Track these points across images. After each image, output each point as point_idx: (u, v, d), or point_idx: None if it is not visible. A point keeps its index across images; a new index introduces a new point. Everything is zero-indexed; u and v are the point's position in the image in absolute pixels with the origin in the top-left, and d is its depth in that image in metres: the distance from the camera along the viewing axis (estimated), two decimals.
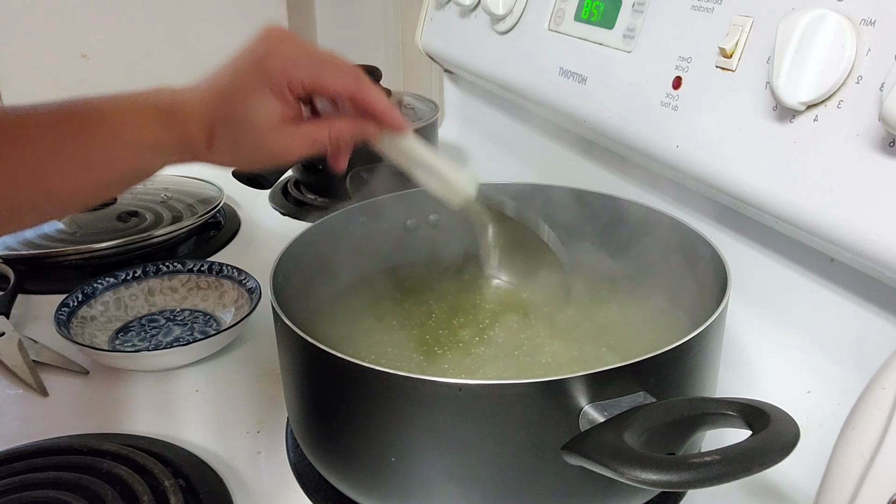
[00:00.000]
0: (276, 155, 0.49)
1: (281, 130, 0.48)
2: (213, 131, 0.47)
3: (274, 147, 0.48)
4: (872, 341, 0.54)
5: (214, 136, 0.48)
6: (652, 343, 0.45)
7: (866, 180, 0.47)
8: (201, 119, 0.47)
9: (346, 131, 0.50)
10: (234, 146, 0.48)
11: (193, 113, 0.48)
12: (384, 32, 1.39)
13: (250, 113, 0.47)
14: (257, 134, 0.48)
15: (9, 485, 0.52)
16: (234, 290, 0.76)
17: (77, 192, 0.48)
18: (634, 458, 0.36)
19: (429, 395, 0.42)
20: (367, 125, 0.51)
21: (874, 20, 0.48)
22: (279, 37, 0.48)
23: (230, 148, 0.48)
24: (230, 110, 0.47)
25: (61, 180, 0.46)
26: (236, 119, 0.47)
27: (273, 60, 0.47)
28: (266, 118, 0.47)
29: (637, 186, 0.75)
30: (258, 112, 0.47)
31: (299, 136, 0.49)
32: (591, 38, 0.72)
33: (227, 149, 0.48)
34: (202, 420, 0.62)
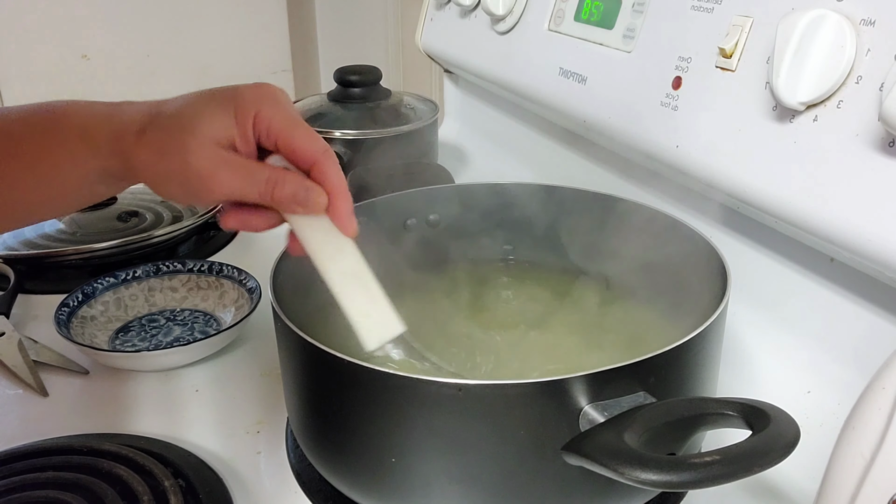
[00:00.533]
0: (203, 176, 0.43)
1: (220, 152, 0.43)
2: (150, 122, 0.43)
3: (205, 164, 0.42)
4: (872, 341, 0.54)
5: (148, 126, 0.43)
6: (652, 343, 0.45)
7: (866, 180, 0.47)
8: (143, 110, 0.44)
9: (291, 180, 0.44)
10: (163, 143, 0.43)
11: (138, 107, 0.45)
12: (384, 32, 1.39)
13: (201, 116, 0.43)
14: (197, 141, 0.42)
15: (9, 485, 0.52)
16: (235, 290, 0.76)
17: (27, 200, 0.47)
18: (634, 458, 0.36)
19: (429, 395, 0.42)
20: (312, 192, 0.44)
21: (874, 20, 0.48)
22: (269, 87, 0.45)
23: (157, 144, 0.43)
24: (182, 108, 0.44)
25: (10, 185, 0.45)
26: (182, 116, 0.43)
27: (251, 93, 0.44)
28: (212, 128, 0.43)
29: (637, 186, 0.75)
30: (208, 119, 0.43)
31: (236, 165, 0.43)
32: (590, 39, 0.72)
33: (154, 144, 0.43)
34: (202, 420, 0.62)
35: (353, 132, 0.95)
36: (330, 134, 0.95)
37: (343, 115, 0.97)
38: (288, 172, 0.44)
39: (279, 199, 0.44)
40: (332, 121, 0.96)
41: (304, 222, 0.46)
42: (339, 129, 0.95)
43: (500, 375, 0.54)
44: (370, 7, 1.42)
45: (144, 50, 1.44)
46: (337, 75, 0.99)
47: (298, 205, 0.44)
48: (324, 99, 1.00)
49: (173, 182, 0.44)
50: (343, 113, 0.97)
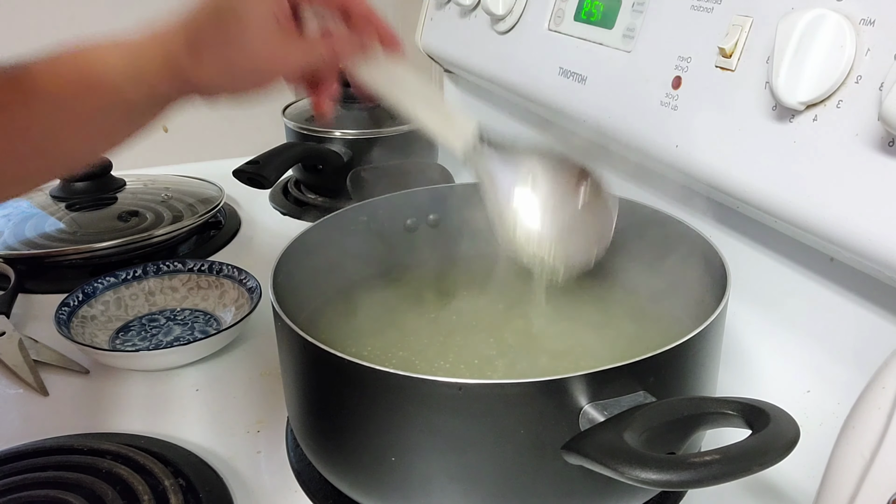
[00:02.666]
0: (270, 63, 0.45)
1: (275, 34, 0.44)
2: (199, 37, 0.44)
3: (267, 53, 0.44)
4: (872, 341, 0.54)
5: (200, 42, 0.44)
6: (652, 342, 0.45)
7: (866, 180, 0.47)
8: (184, 28, 0.45)
9: (345, 45, 0.47)
10: (223, 53, 0.44)
11: (175, 24, 0.45)
12: None
13: (243, 8, 0.44)
14: (250, 35, 0.44)
15: (9, 485, 0.52)
16: (235, 290, 0.76)
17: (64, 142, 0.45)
18: (634, 457, 0.36)
19: (429, 395, 0.43)
20: (364, 42, 0.47)
21: (874, 20, 0.48)
22: None
23: (218, 57, 0.44)
24: (220, 10, 0.44)
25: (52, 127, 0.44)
26: (227, 17, 0.44)
27: None
28: (260, 16, 0.44)
29: (636, 186, 0.75)
30: (252, 8, 0.44)
31: (295, 45, 0.45)
32: (590, 38, 0.72)
33: (214, 58, 0.44)
34: (202, 420, 0.62)
35: (353, 132, 0.95)
36: (330, 133, 0.95)
37: (343, 114, 0.97)
38: (338, 35, 0.47)
39: (343, 57, 0.47)
40: (331, 120, 0.96)
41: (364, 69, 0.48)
42: (339, 128, 0.95)
43: (500, 375, 0.54)
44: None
45: None
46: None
47: (362, 53, 0.47)
48: None
49: (240, 79, 0.45)
50: (343, 113, 0.97)
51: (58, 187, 0.95)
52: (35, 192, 0.97)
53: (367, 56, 0.48)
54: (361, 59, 0.48)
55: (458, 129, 0.50)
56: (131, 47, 0.45)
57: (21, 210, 0.93)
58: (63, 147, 0.46)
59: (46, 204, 0.94)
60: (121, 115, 0.46)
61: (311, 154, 0.95)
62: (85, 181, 0.94)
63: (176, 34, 0.45)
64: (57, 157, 0.47)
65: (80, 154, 0.49)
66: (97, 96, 0.45)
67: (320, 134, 0.95)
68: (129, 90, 0.45)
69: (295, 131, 0.98)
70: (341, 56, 0.47)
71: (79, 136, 0.46)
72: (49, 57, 0.45)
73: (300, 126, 0.97)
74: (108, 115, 0.46)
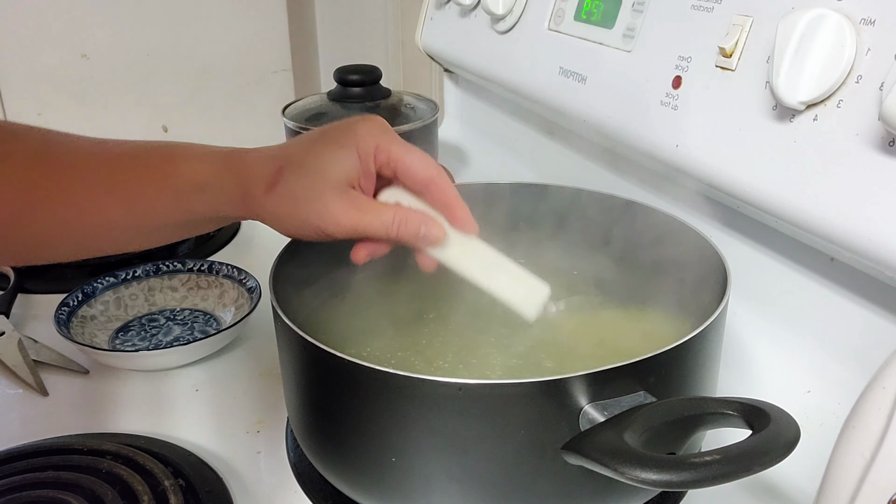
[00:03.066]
0: (336, 218, 0.46)
1: (349, 192, 0.46)
2: (279, 174, 0.46)
3: (336, 209, 0.46)
4: (872, 341, 0.54)
5: (279, 179, 0.45)
6: (652, 342, 0.45)
7: (866, 180, 0.47)
8: (267, 162, 0.46)
9: (413, 218, 0.48)
10: (297, 194, 0.46)
11: (259, 157, 0.47)
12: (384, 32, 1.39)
13: (327, 161, 0.46)
14: (326, 186, 0.45)
15: (9, 484, 0.52)
16: (234, 290, 0.76)
17: (116, 228, 0.47)
18: (634, 457, 0.36)
19: (429, 395, 0.42)
20: (432, 228, 0.49)
21: (874, 20, 0.48)
22: (378, 119, 0.48)
23: (291, 196, 0.46)
24: (306, 155, 0.46)
25: (100, 212, 0.46)
26: (310, 164, 0.46)
27: (365, 126, 0.47)
28: (341, 171, 0.46)
29: (637, 186, 0.75)
30: (336, 163, 0.46)
31: (367, 206, 0.47)
32: (590, 38, 0.72)
33: (287, 196, 0.45)
34: (202, 420, 0.62)
35: None
36: None
37: (343, 114, 0.97)
38: (410, 211, 0.48)
39: (403, 236, 0.48)
40: (332, 120, 0.95)
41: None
42: None
43: (500, 375, 0.54)
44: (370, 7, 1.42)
45: (144, 50, 1.44)
46: (337, 75, 0.99)
47: (420, 241, 0.49)
48: (324, 98, 1.00)
49: (305, 227, 0.46)
50: (343, 112, 0.97)
51: None
52: None
53: (427, 245, 0.49)
54: (420, 245, 0.49)
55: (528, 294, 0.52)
56: (215, 165, 0.47)
57: None
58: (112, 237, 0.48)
59: None
60: (179, 224, 0.48)
61: None
62: None
63: (260, 168, 0.46)
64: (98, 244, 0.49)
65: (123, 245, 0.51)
66: (170, 200, 0.47)
67: None
68: (197, 205, 0.47)
69: (295, 131, 0.98)
70: (406, 228, 0.48)
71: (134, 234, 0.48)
72: (138, 147, 0.47)
73: (300, 126, 0.97)
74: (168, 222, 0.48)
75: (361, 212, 0.46)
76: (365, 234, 0.47)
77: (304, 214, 0.46)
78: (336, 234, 0.46)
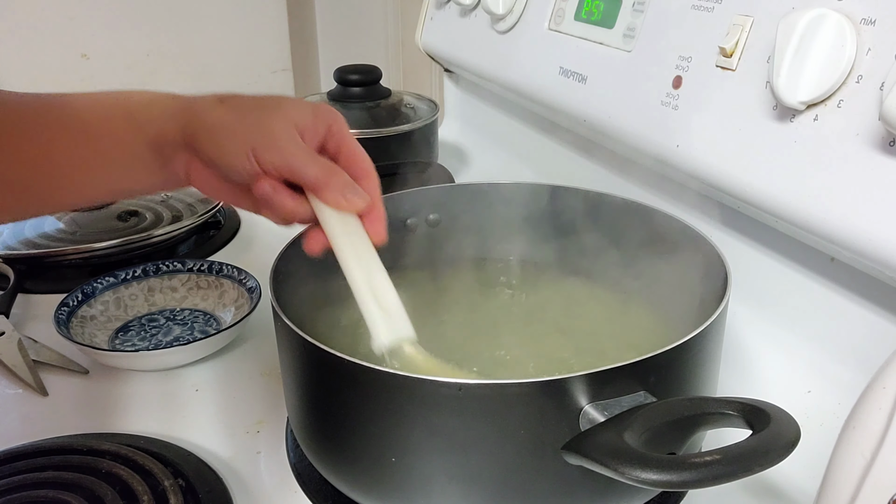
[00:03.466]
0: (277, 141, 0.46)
1: (294, 131, 0.47)
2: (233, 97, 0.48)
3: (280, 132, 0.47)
4: (873, 341, 0.54)
5: (231, 97, 0.47)
6: (652, 342, 0.45)
7: (866, 180, 0.47)
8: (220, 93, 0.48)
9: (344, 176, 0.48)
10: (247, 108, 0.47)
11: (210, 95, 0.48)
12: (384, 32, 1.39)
13: (283, 102, 0.48)
14: (276, 113, 0.47)
15: (8, 485, 0.52)
16: (234, 290, 0.76)
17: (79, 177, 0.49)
18: (635, 457, 0.36)
19: (429, 395, 0.42)
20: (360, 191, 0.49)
21: (874, 19, 0.48)
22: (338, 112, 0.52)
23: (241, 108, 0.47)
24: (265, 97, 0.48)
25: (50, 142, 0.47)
26: (266, 100, 0.48)
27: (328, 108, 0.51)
28: (294, 113, 0.47)
29: (637, 186, 0.75)
30: (292, 106, 0.48)
31: (304, 146, 0.48)
32: (591, 38, 0.72)
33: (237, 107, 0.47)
34: (202, 420, 0.62)
35: (353, 131, 0.93)
36: None
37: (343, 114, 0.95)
38: (340, 169, 0.48)
39: (332, 185, 0.47)
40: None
41: (335, 218, 0.48)
42: None
43: (500, 375, 0.54)
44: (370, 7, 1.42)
45: (144, 50, 1.44)
46: (337, 75, 0.99)
47: (344, 197, 0.48)
48: (324, 98, 1.00)
49: (237, 142, 0.46)
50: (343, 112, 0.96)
51: None
52: None
53: (348, 206, 0.48)
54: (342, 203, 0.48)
55: (397, 325, 0.48)
56: (165, 94, 0.49)
57: None
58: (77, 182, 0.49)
59: None
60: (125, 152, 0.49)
61: None
62: None
63: (210, 96, 0.48)
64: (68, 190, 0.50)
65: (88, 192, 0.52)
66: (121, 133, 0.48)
67: None
68: (143, 122, 0.48)
69: None
70: (337, 181, 0.48)
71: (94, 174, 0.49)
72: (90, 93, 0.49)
73: None
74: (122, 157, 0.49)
75: (299, 145, 0.47)
76: (293, 169, 0.47)
77: (247, 130, 0.46)
78: (269, 162, 0.46)
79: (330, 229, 0.48)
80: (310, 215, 0.49)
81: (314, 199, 0.48)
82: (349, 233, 0.48)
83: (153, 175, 0.50)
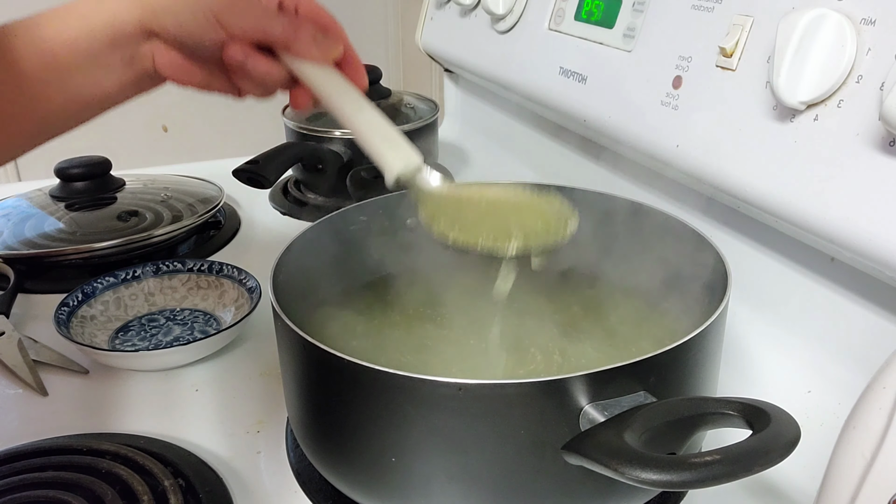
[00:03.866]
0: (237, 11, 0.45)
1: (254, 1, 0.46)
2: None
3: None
4: (873, 341, 0.54)
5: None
6: (652, 342, 0.45)
7: (866, 180, 0.47)
8: None
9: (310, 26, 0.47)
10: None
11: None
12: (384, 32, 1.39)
13: None
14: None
15: (8, 485, 0.52)
16: (234, 290, 0.76)
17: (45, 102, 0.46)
18: (635, 457, 0.36)
19: (429, 395, 0.42)
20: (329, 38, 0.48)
21: (874, 20, 0.48)
22: None
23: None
24: None
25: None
26: None
27: None
28: None
29: (637, 186, 0.75)
30: None
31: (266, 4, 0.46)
32: (591, 38, 0.72)
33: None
34: (202, 420, 0.62)
35: None
36: (330, 133, 0.95)
37: None
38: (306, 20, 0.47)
39: (302, 37, 0.46)
40: (331, 120, 0.96)
41: (316, 72, 0.48)
42: (339, 128, 0.95)
43: (500, 375, 0.54)
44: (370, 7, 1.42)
45: None
46: None
47: (317, 46, 0.47)
48: None
49: (199, 14, 0.45)
50: None
51: (57, 187, 0.95)
52: (34, 191, 0.97)
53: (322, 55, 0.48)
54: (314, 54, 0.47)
55: (403, 153, 0.49)
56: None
57: (20, 210, 0.93)
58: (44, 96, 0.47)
59: (46, 204, 0.94)
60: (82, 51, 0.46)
61: (310, 154, 0.95)
62: (84, 181, 0.94)
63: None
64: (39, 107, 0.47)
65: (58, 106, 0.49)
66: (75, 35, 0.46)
67: (320, 133, 0.95)
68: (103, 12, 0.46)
69: (295, 131, 0.98)
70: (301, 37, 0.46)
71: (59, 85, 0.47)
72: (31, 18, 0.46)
73: (300, 126, 0.97)
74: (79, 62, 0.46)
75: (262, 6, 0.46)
76: (262, 29, 0.46)
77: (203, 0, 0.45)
78: (235, 25, 0.45)
79: (313, 82, 0.48)
80: (285, 77, 0.48)
81: (290, 59, 0.47)
82: (334, 82, 0.48)
83: (119, 75, 0.48)
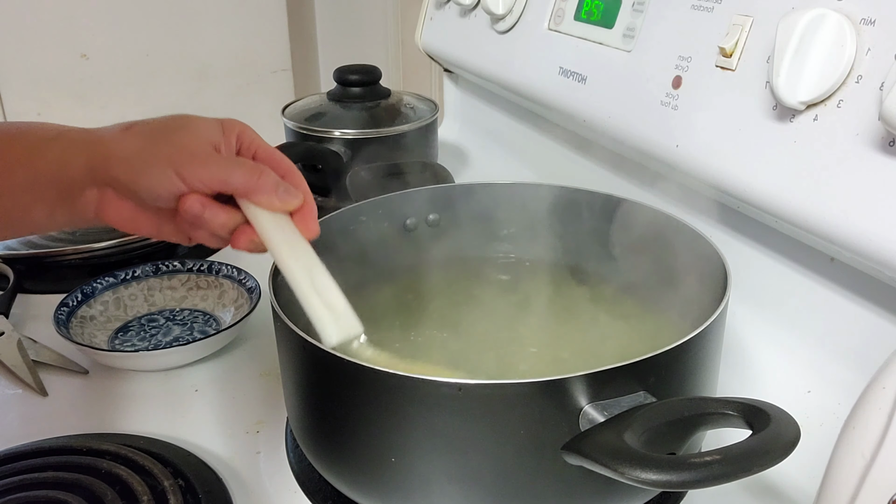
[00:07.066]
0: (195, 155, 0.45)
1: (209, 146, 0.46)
2: (139, 123, 0.46)
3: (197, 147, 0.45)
4: (872, 341, 0.54)
5: (137, 124, 0.46)
6: (652, 343, 0.45)
7: (866, 180, 0.47)
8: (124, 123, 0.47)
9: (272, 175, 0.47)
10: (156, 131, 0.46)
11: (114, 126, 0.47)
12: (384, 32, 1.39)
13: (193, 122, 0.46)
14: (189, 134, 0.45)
15: (8, 485, 0.52)
16: (234, 290, 0.76)
17: None
18: (635, 457, 0.36)
19: (429, 395, 0.42)
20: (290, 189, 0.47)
21: (874, 19, 0.48)
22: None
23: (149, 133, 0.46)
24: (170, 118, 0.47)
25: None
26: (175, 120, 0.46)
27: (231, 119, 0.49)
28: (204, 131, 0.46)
29: (637, 186, 0.75)
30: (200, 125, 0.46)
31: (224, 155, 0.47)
32: (590, 38, 0.72)
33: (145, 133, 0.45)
34: (202, 420, 0.62)
35: (353, 131, 0.95)
36: (329, 133, 0.95)
37: (343, 114, 0.97)
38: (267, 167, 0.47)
39: (263, 186, 0.46)
40: (331, 120, 0.96)
41: (269, 220, 0.47)
42: (339, 128, 0.95)
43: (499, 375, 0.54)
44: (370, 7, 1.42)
45: (144, 49, 1.44)
46: (337, 75, 0.99)
47: (278, 197, 0.47)
48: (323, 98, 1.00)
49: (157, 166, 0.44)
50: (343, 112, 0.97)
51: None
52: None
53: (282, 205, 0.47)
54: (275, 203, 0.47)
55: (345, 323, 0.47)
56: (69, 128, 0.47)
57: None
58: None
59: None
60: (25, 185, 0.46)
61: (310, 154, 0.95)
62: None
63: (114, 126, 0.47)
64: None
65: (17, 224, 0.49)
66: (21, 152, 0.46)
67: (320, 134, 0.95)
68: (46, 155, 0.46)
69: (295, 131, 0.98)
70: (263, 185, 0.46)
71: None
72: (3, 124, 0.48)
73: (300, 126, 0.97)
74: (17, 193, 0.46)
75: (222, 157, 0.46)
76: (224, 180, 0.45)
77: (164, 152, 0.44)
78: (196, 177, 0.44)
79: (265, 232, 0.47)
80: (241, 223, 0.48)
81: (246, 204, 0.47)
82: (285, 233, 0.47)
83: (56, 213, 0.47)
